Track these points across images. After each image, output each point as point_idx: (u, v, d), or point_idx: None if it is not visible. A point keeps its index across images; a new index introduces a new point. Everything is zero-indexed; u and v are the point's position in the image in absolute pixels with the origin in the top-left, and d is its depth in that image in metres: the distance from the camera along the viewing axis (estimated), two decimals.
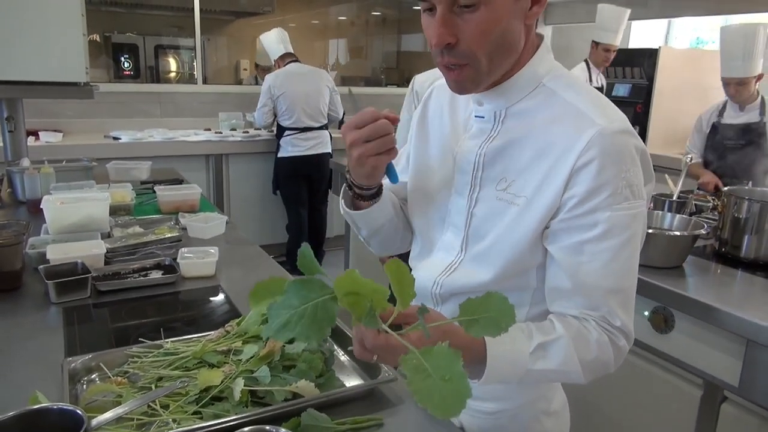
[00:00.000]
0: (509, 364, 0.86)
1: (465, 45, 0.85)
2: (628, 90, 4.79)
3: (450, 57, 0.86)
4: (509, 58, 0.89)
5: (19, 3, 2.18)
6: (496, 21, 0.84)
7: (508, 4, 0.84)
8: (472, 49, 0.85)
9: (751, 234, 1.85)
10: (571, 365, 0.88)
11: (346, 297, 0.72)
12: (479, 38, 0.84)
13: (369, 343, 0.77)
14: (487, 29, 0.84)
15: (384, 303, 0.74)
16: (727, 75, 3.04)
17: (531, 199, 0.90)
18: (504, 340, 0.86)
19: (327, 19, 6.54)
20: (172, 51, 5.71)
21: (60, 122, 4.38)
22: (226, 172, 4.44)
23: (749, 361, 1.50)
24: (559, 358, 0.87)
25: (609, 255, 0.87)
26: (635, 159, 0.88)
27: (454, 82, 0.91)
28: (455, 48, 0.85)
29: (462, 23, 0.84)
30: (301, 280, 0.73)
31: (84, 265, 1.48)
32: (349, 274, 0.71)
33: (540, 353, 0.87)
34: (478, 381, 0.86)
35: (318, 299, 0.72)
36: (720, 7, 4.55)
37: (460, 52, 0.85)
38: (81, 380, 1.03)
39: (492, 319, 0.72)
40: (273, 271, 1.71)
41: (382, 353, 0.78)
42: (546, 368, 0.87)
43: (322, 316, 0.71)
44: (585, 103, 0.90)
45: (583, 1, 5.51)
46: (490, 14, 0.83)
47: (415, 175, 1.09)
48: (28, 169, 2.24)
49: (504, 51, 0.88)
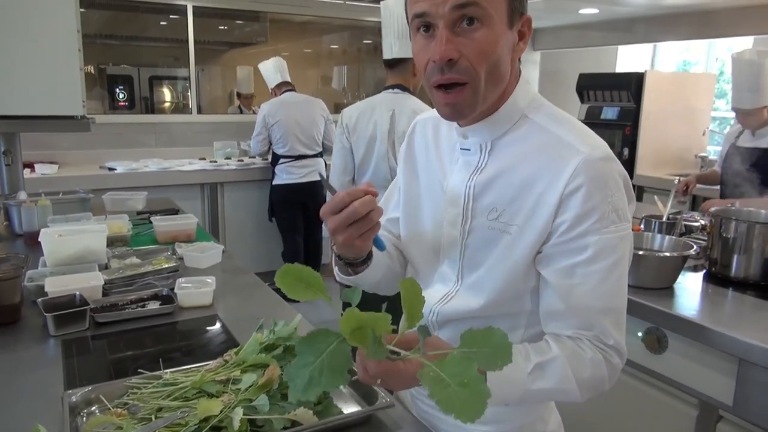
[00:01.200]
0: (509, 384, 0.87)
1: (466, 61, 0.87)
2: (616, 113, 4.87)
3: (451, 73, 0.88)
4: (500, 85, 0.93)
5: (16, 38, 2.23)
6: (494, 42, 0.88)
7: (503, 31, 0.89)
8: (473, 66, 0.88)
9: (740, 254, 1.87)
10: (568, 383, 0.90)
11: (353, 335, 0.74)
12: (480, 56, 0.87)
13: (372, 370, 0.79)
14: (487, 48, 0.87)
15: (387, 327, 0.76)
16: (735, 105, 3.08)
17: (522, 227, 0.93)
18: None
19: (320, 47, 6.64)
20: (166, 81, 5.78)
21: (55, 154, 4.40)
22: (221, 201, 4.47)
23: (742, 380, 1.51)
24: (557, 377, 0.89)
25: (600, 276, 0.90)
26: (619, 184, 0.92)
27: (450, 106, 0.92)
28: (457, 64, 0.87)
29: (464, 41, 0.87)
30: (307, 336, 0.75)
31: (82, 297, 1.49)
32: (350, 313, 0.73)
33: (538, 373, 0.89)
34: None
35: (330, 347, 0.74)
36: (703, 32, 4.66)
37: (462, 68, 0.88)
38: (81, 413, 1.03)
39: (490, 355, 0.73)
40: (270, 298, 1.72)
41: (385, 378, 0.80)
42: (544, 387, 0.89)
43: (339, 360, 0.73)
44: (567, 132, 0.93)
45: (572, 27, 5.64)
46: (489, 35, 0.87)
47: (406, 210, 1.12)
48: (25, 201, 2.26)
49: (497, 76, 0.91)
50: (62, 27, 2.30)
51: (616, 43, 5.63)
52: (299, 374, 0.72)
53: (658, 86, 4.67)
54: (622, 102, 4.82)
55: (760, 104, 2.99)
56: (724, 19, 4.41)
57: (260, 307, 1.65)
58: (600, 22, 5.30)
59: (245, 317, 1.55)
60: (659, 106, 4.68)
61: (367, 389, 1.10)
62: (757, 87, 2.96)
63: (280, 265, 0.81)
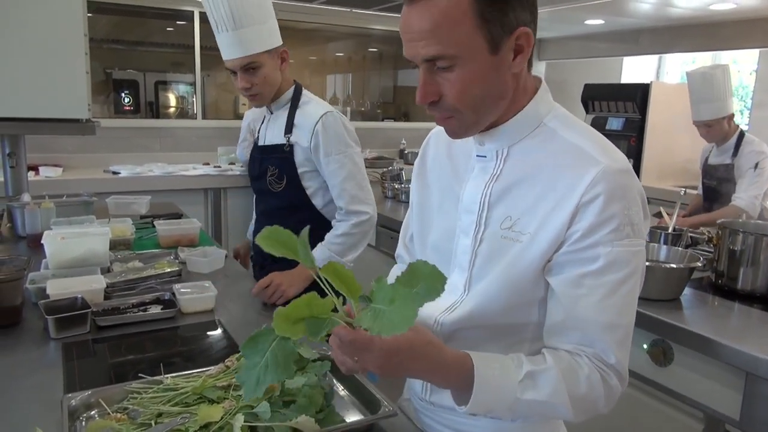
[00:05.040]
0: (498, 390, 0.85)
1: (448, 100, 0.90)
2: (621, 123, 4.86)
3: (435, 111, 0.92)
4: (496, 107, 0.93)
5: (23, 41, 2.23)
6: (473, 79, 0.88)
7: (485, 61, 0.87)
8: (454, 105, 0.90)
9: (746, 266, 1.86)
10: (560, 398, 0.87)
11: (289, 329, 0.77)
12: (459, 95, 0.89)
13: (336, 343, 0.81)
14: (465, 87, 0.88)
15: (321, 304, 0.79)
16: (695, 118, 3.20)
17: (534, 235, 0.92)
18: (493, 365, 0.87)
19: (325, 55, 6.66)
20: (171, 87, 5.79)
21: (60, 157, 4.41)
22: (224, 206, 4.46)
23: (749, 394, 1.50)
24: (548, 389, 0.87)
25: (607, 289, 0.88)
26: (636, 199, 0.91)
27: (447, 130, 0.96)
28: (439, 104, 0.90)
29: (442, 81, 0.88)
30: (250, 338, 0.81)
31: (84, 300, 1.49)
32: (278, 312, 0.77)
33: (529, 382, 0.87)
34: (465, 407, 0.86)
35: (272, 345, 0.79)
36: (709, 44, 4.66)
37: (445, 106, 0.91)
38: (80, 417, 1.02)
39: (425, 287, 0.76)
40: (272, 305, 1.71)
41: (357, 352, 0.81)
42: (535, 399, 0.87)
43: (283, 354, 0.78)
44: (586, 142, 0.92)
45: (577, 38, 5.64)
46: (466, 73, 0.87)
47: (420, 222, 1.12)
48: (29, 204, 2.26)
49: (489, 102, 0.91)
50: (69, 30, 2.30)
51: (622, 54, 5.63)
52: (249, 375, 0.78)
53: (664, 97, 4.66)
54: (628, 113, 4.82)
55: (717, 115, 3.09)
56: (730, 31, 4.41)
57: (262, 313, 1.64)
58: (606, 33, 5.31)
59: (247, 322, 1.54)
60: (665, 118, 4.67)
61: (369, 397, 1.09)
62: (711, 98, 3.07)
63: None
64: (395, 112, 6.63)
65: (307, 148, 1.89)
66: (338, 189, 1.89)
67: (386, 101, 6.82)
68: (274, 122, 1.99)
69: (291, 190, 1.93)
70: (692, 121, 3.22)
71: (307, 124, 1.89)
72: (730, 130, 3.16)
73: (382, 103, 6.75)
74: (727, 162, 3.19)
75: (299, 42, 6.32)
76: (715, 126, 3.12)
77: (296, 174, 1.92)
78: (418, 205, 1.13)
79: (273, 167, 1.95)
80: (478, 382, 0.84)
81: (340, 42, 6.57)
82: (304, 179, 1.93)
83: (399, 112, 6.63)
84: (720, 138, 3.18)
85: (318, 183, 1.94)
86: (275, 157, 1.95)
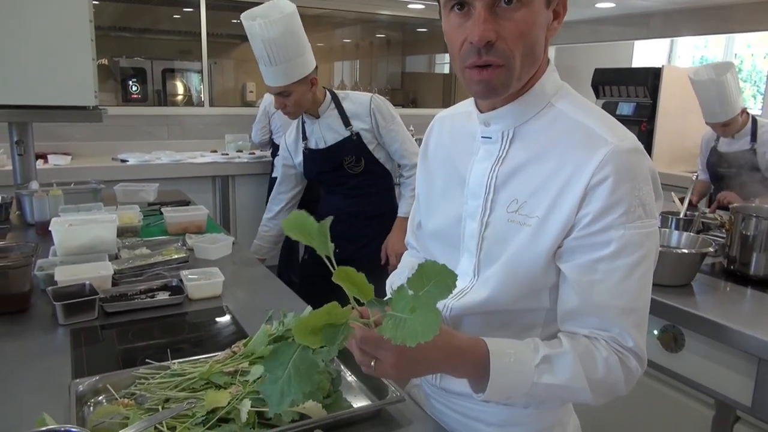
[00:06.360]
0: (514, 374, 0.84)
1: (504, 44, 0.85)
2: (632, 108, 4.80)
3: (488, 56, 0.85)
4: (534, 66, 0.90)
5: (29, 28, 2.22)
6: (533, 23, 0.85)
7: (541, 12, 0.86)
8: (510, 48, 0.85)
9: (759, 251, 1.83)
10: (579, 382, 0.86)
11: (309, 339, 0.76)
12: (518, 38, 0.85)
13: (356, 345, 0.80)
14: (526, 30, 0.85)
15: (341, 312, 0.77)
16: (709, 120, 3.18)
17: (544, 219, 0.89)
18: (508, 351, 0.85)
19: (332, 41, 6.62)
20: (179, 74, 5.78)
21: (69, 145, 4.42)
22: (232, 193, 4.46)
23: (761, 381, 1.48)
24: (566, 374, 0.86)
25: (622, 273, 0.87)
26: (647, 178, 0.88)
27: (485, 83, 0.88)
28: (494, 46, 0.84)
29: (502, 22, 0.84)
30: (271, 353, 0.79)
31: (92, 287, 1.49)
32: (297, 321, 0.76)
33: (546, 366, 0.86)
34: (482, 394, 0.85)
35: (293, 357, 0.77)
36: (721, 27, 4.59)
37: (500, 51, 0.85)
38: (88, 402, 1.02)
39: (435, 284, 0.75)
40: (280, 291, 1.71)
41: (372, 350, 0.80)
42: (552, 383, 0.85)
43: (305, 366, 0.77)
44: (594, 122, 0.90)
45: (588, 22, 5.57)
46: (529, 15, 0.84)
47: (426, 208, 1.10)
48: (37, 191, 2.26)
49: (532, 58, 0.88)
50: (75, 17, 2.29)
51: (633, 38, 5.55)
52: (272, 390, 0.76)
53: (676, 82, 4.59)
54: (639, 98, 4.75)
55: (732, 114, 3.09)
56: (744, 13, 4.33)
57: (269, 299, 1.64)
58: (616, 16, 5.23)
59: (254, 309, 1.54)
60: (676, 102, 4.60)
61: (377, 383, 1.08)
62: (724, 101, 3.06)
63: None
64: (403, 98, 6.59)
65: (369, 129, 2.31)
66: (400, 150, 2.35)
67: (394, 87, 6.78)
68: (326, 123, 2.33)
69: (369, 165, 2.36)
70: (705, 122, 3.21)
71: (362, 111, 2.30)
72: (744, 120, 3.16)
73: (390, 90, 6.71)
74: (745, 148, 3.16)
75: (307, 28, 6.26)
76: (731, 123, 3.12)
77: (370, 152, 2.33)
78: (423, 191, 1.12)
79: (349, 156, 2.33)
80: (494, 367, 0.83)
81: (348, 28, 6.52)
82: (375, 153, 2.35)
83: (407, 98, 6.59)
84: (737, 131, 3.17)
85: (384, 152, 2.38)
86: (348, 147, 2.31)
